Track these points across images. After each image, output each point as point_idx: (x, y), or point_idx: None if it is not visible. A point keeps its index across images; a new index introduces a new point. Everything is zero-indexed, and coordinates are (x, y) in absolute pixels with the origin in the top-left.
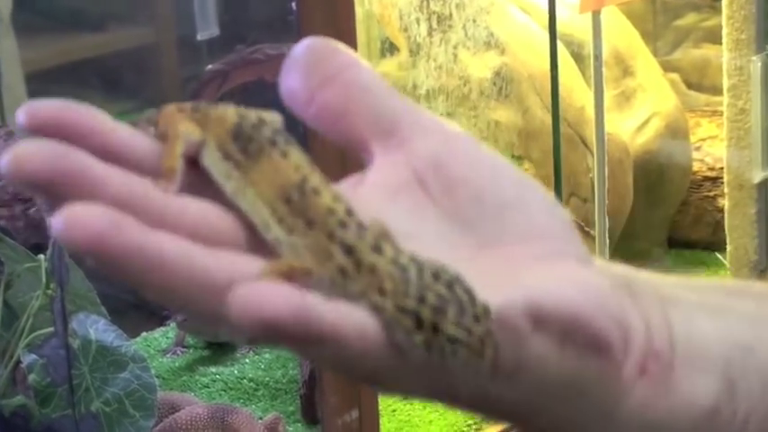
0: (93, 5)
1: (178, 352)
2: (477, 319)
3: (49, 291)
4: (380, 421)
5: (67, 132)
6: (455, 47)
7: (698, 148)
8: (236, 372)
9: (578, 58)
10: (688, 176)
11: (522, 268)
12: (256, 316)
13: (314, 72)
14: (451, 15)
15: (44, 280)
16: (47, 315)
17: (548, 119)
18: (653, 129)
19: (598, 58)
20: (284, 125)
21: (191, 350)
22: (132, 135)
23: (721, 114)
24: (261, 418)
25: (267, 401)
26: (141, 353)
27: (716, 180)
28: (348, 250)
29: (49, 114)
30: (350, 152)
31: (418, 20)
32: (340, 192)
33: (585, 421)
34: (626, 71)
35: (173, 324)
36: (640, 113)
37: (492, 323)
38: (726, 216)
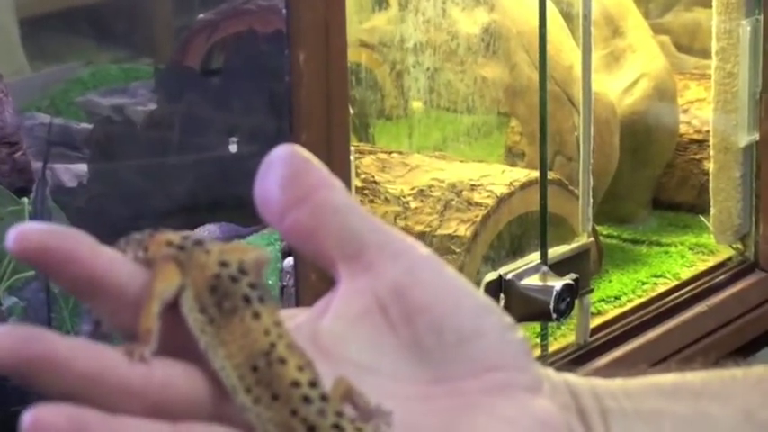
0: None
1: None
2: None
3: None
4: None
5: (52, 259)
6: (444, 2)
7: (685, 111)
8: None
9: (568, 18)
10: (674, 139)
11: (473, 407)
12: None
13: (287, 189)
14: None
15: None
16: None
17: (535, 76)
18: (641, 90)
19: (587, 18)
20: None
21: None
22: (114, 261)
23: (710, 78)
24: None
25: None
26: None
27: (702, 143)
28: (310, 429)
29: (35, 241)
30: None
31: None
32: (305, 355)
33: None
34: (615, 32)
35: None
36: (629, 74)
37: None
38: (711, 179)
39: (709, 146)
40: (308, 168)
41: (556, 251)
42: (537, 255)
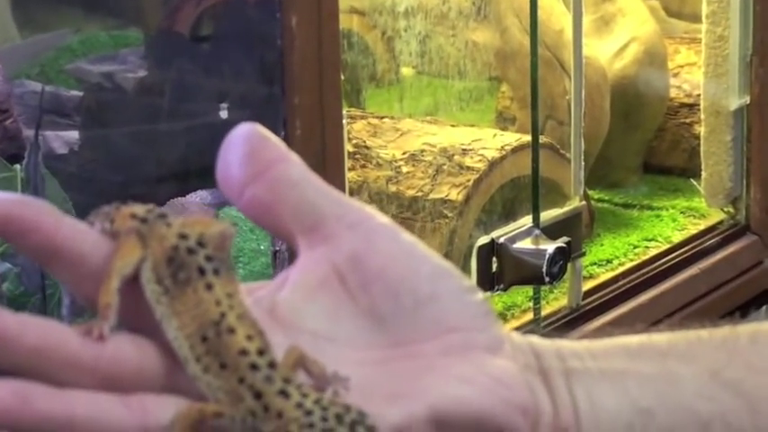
0: None
1: None
2: None
3: None
4: None
5: (15, 228)
6: None
7: (676, 75)
8: None
9: None
10: (665, 103)
11: (430, 368)
12: None
13: (245, 166)
14: None
15: (19, 189)
16: None
17: (526, 41)
18: (631, 54)
19: None
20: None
21: None
22: (77, 231)
23: (700, 42)
24: None
25: None
26: None
27: (693, 107)
28: (257, 395)
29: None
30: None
31: None
32: (256, 325)
33: None
34: None
35: None
36: (619, 38)
37: None
38: (701, 143)
39: (699, 109)
40: (266, 145)
41: (548, 215)
42: (529, 218)
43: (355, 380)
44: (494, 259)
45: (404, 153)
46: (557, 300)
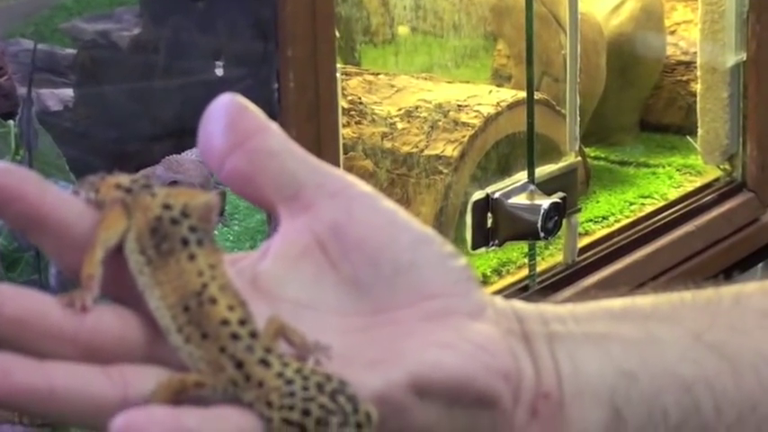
0: None
1: None
2: (359, 427)
3: (18, 157)
4: None
5: (4, 198)
6: None
7: (672, 32)
8: None
9: None
10: (661, 60)
11: (410, 335)
12: None
13: (225, 137)
14: None
15: (13, 145)
16: None
17: None
18: (628, 11)
19: None
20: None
21: None
22: (61, 200)
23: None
24: None
25: None
26: None
27: (689, 64)
28: (238, 364)
29: None
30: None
31: None
32: (238, 295)
33: None
34: None
35: None
36: None
37: (373, 428)
38: (698, 100)
39: (696, 67)
40: (245, 115)
41: (543, 170)
42: (524, 174)
43: (336, 347)
44: (489, 215)
45: (399, 109)
46: (552, 256)
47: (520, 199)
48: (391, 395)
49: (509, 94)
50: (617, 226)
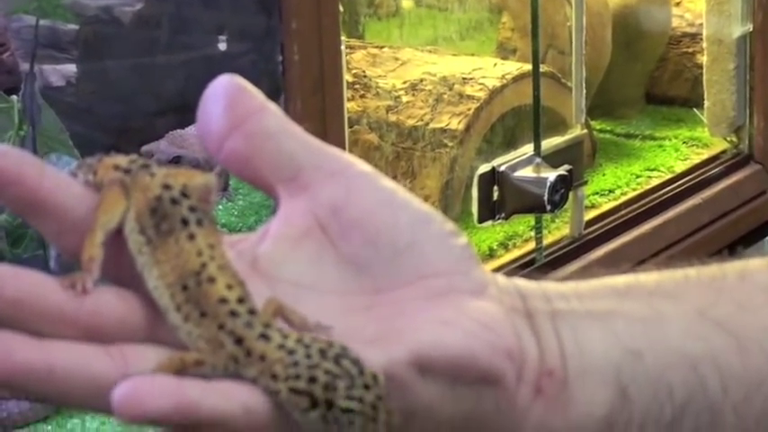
0: None
1: None
2: (366, 388)
3: (22, 132)
4: None
5: (1, 181)
6: None
7: (678, 4)
8: None
9: None
10: (667, 32)
11: (411, 313)
12: (137, 411)
13: (222, 119)
14: None
15: (16, 120)
16: None
17: None
18: None
19: None
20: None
21: None
22: (60, 183)
23: None
24: None
25: None
26: None
27: (695, 36)
28: (238, 340)
29: None
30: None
31: None
32: (236, 275)
33: None
34: None
35: None
36: None
37: (381, 389)
38: (704, 72)
39: (702, 39)
40: (243, 96)
41: (549, 143)
42: (530, 147)
43: (338, 327)
44: (495, 188)
45: (404, 82)
46: (558, 229)
47: (526, 172)
48: (393, 373)
49: (514, 67)
50: (623, 199)
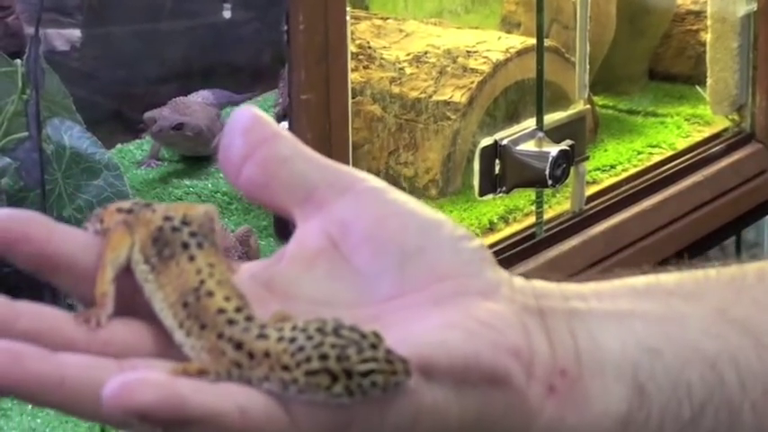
0: None
1: (152, 164)
2: (374, 347)
3: (25, 96)
4: None
5: (8, 240)
6: None
7: None
8: (209, 185)
9: None
10: (671, 9)
11: (418, 318)
12: (126, 404)
13: (239, 148)
14: None
15: (20, 84)
16: (22, 120)
17: None
18: None
19: None
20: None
21: (165, 163)
22: (67, 237)
23: None
24: (233, 231)
25: (240, 215)
26: (115, 161)
27: (699, 14)
28: (237, 345)
29: None
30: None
31: None
32: (236, 289)
33: None
34: None
35: (148, 136)
36: None
37: (386, 343)
38: (708, 49)
39: (706, 16)
40: (257, 125)
41: (552, 118)
42: (533, 121)
43: None
44: (497, 161)
45: (408, 54)
46: (559, 204)
47: (528, 146)
48: None
49: (518, 41)
50: (625, 175)
